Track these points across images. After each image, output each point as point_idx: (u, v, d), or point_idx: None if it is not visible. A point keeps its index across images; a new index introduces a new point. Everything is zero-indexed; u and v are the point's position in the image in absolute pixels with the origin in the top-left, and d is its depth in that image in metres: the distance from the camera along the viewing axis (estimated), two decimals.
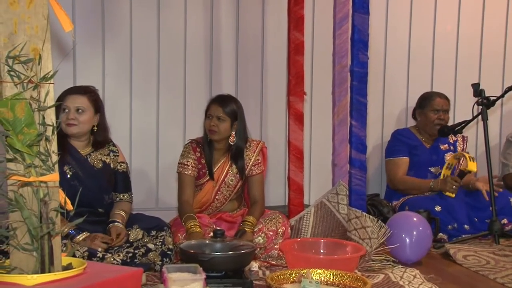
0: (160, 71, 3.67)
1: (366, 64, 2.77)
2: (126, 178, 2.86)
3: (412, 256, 2.79)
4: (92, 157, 2.74)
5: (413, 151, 3.77)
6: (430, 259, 2.92)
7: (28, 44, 1.59)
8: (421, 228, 2.83)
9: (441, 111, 3.74)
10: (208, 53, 3.76)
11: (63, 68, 3.33)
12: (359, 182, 2.82)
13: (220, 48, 3.78)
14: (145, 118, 3.67)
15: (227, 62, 3.79)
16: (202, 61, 3.74)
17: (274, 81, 3.88)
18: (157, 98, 3.68)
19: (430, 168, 3.75)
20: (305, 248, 2.69)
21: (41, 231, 1.58)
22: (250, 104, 3.81)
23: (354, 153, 2.82)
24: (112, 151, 2.82)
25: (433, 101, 3.77)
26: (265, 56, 3.86)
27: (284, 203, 3.81)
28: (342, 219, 3.01)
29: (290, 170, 3.37)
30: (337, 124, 3.17)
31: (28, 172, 1.58)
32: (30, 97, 1.58)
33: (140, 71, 3.63)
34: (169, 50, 3.68)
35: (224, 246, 2.34)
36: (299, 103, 3.37)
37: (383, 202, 3.65)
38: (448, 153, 3.79)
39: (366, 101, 2.80)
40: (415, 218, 2.89)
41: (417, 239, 2.79)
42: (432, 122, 3.74)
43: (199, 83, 3.74)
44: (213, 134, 2.93)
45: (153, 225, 2.69)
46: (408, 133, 3.84)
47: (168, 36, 3.67)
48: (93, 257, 2.45)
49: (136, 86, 3.63)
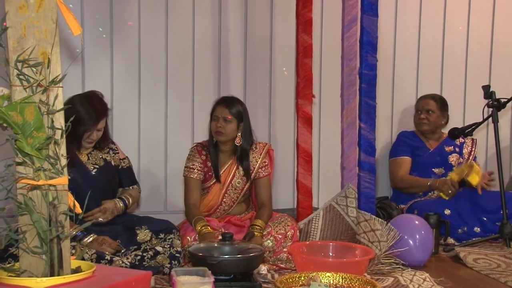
0: (169, 74, 3.68)
1: (375, 66, 2.76)
2: (130, 172, 2.94)
3: (419, 259, 2.78)
4: (93, 156, 2.79)
5: (416, 152, 3.80)
6: (439, 262, 2.91)
7: (37, 48, 1.60)
8: (423, 232, 2.81)
9: (423, 111, 3.81)
10: (216, 56, 3.77)
11: (72, 71, 3.35)
12: (368, 184, 2.81)
13: (228, 51, 3.78)
14: (154, 121, 3.68)
15: (236, 65, 3.80)
16: (210, 64, 3.75)
17: (283, 84, 3.88)
18: (166, 101, 3.69)
19: (433, 169, 3.77)
20: (314, 251, 2.68)
21: (50, 234, 1.59)
22: (258, 107, 3.81)
23: (363, 155, 2.80)
24: (111, 149, 2.88)
25: (417, 102, 3.91)
26: (273, 59, 3.86)
27: (293, 206, 3.80)
28: (351, 222, 3.00)
29: (299, 173, 3.36)
30: (346, 127, 3.16)
31: (37, 175, 1.59)
32: (39, 100, 1.59)
33: (149, 74, 3.65)
34: (178, 53, 3.69)
35: (233, 249, 2.34)
36: (307, 106, 3.37)
37: (393, 205, 3.64)
38: (452, 154, 3.80)
39: (375, 103, 2.79)
40: (416, 221, 2.87)
41: (421, 242, 2.78)
42: (416, 123, 3.87)
43: (207, 86, 3.75)
44: (220, 136, 2.94)
45: (162, 228, 2.70)
46: (411, 135, 3.89)
47: (176, 39, 3.68)
48: (101, 260, 2.46)
49: (145, 89, 3.65)
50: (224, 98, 3.03)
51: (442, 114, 3.84)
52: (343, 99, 3.16)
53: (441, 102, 3.86)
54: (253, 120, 3.16)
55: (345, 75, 3.17)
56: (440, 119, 3.83)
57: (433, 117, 3.80)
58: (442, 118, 3.84)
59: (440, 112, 3.82)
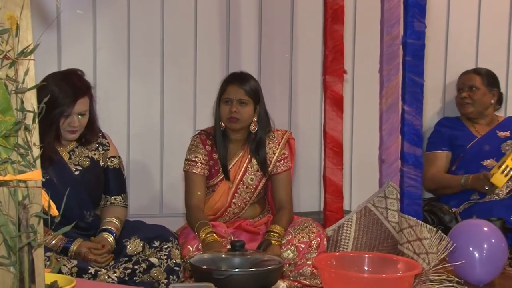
0: (165, 46, 3.68)
1: (423, 34, 2.74)
2: (119, 176, 2.88)
3: (482, 276, 2.77)
4: (77, 154, 2.76)
5: (457, 142, 3.82)
6: (504, 279, 2.90)
7: (2, 10, 1.60)
8: (493, 241, 2.81)
9: (465, 89, 3.85)
10: (225, 23, 3.76)
11: (46, 41, 3.36)
12: (414, 182, 2.79)
13: (239, 16, 3.77)
14: (147, 104, 3.69)
15: (248, 35, 3.79)
16: (216, 32, 3.74)
17: (306, 57, 3.87)
18: (161, 79, 3.69)
19: (482, 162, 3.75)
20: (346, 265, 2.68)
21: (20, 241, 1.60)
22: (276, 86, 3.81)
23: (406, 146, 2.79)
24: (101, 144, 2.84)
25: (458, 80, 3.93)
26: (295, 27, 3.85)
27: (319, 209, 3.81)
28: (391, 228, 2.99)
29: (327, 168, 3.36)
30: (386, 110, 3.15)
31: (3, 169, 1.60)
32: (6, 76, 1.59)
33: (141, 45, 3.65)
34: (176, 20, 3.68)
35: (244, 261, 2.34)
36: (337, 84, 3.35)
37: (444, 207, 3.62)
38: (508, 141, 3.76)
39: (422, 81, 2.77)
40: (485, 227, 2.87)
41: (488, 255, 2.77)
42: (458, 104, 3.90)
43: (213, 61, 3.74)
44: (236, 123, 2.94)
45: (157, 235, 2.71)
46: (454, 122, 3.91)
47: (175, 2, 3.67)
48: (83, 274, 2.47)
49: (136, 64, 3.65)
50: (236, 75, 3.03)
51: (490, 91, 3.83)
52: (382, 76, 3.14)
53: (488, 76, 3.84)
54: (269, 102, 3.15)
55: (385, 46, 3.15)
56: (488, 97, 3.82)
57: (477, 95, 3.80)
58: (490, 96, 3.83)
59: (486, 88, 3.81)
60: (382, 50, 3.16)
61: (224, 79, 3.05)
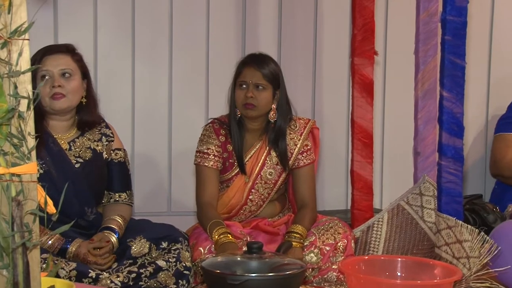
0: (174, 24, 3.69)
1: (465, 10, 2.72)
2: (124, 171, 2.89)
3: None
4: (78, 144, 2.76)
5: None
6: None
7: None
8: None
9: None
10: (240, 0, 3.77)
11: (42, 19, 3.38)
12: (453, 178, 2.78)
13: None
14: (153, 89, 3.71)
15: (267, 11, 3.79)
16: (231, 8, 3.75)
17: (332, 37, 3.87)
18: (170, 61, 3.70)
19: None
20: (376, 270, 2.68)
21: (14, 242, 1.61)
22: (298, 69, 3.81)
23: (445, 137, 2.77)
24: (104, 135, 2.84)
25: None
26: (319, 2, 3.85)
27: (346, 207, 3.82)
28: (428, 229, 2.99)
29: (355, 161, 3.37)
30: (422, 96, 3.14)
31: None
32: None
33: (146, 23, 3.66)
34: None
35: (262, 265, 2.35)
36: (367, 67, 3.35)
37: (488, 206, 3.59)
38: None
39: (464, 63, 2.75)
40: None
41: None
42: None
43: (227, 42, 3.75)
44: (252, 109, 2.94)
45: (164, 235, 2.72)
46: None
47: None
48: (83, 278, 2.49)
49: (141, 44, 3.66)
50: (253, 56, 3.03)
51: None
52: (418, 58, 3.13)
53: None
54: (290, 87, 3.15)
55: (422, 24, 3.14)
56: None
57: None
58: None
59: None
60: (418, 29, 3.15)
61: (240, 61, 3.05)
